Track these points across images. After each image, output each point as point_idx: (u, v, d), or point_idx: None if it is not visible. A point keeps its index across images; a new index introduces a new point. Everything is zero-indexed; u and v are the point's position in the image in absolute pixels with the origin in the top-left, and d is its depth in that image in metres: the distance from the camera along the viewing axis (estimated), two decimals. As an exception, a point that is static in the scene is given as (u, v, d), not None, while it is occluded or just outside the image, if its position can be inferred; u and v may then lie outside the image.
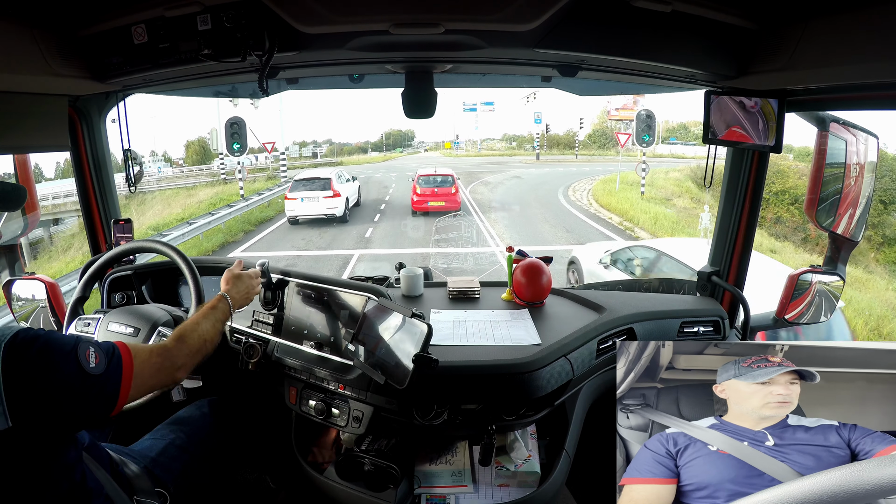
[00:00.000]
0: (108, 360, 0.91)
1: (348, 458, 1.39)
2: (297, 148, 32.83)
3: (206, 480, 1.36)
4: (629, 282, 1.96)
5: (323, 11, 1.05)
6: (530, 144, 35.75)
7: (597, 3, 1.08)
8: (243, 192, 14.72)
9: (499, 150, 38.69)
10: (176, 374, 1.03)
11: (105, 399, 0.90)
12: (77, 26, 1.18)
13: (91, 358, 0.88)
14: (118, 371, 0.92)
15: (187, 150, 30.64)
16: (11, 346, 0.81)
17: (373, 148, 39.61)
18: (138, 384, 0.94)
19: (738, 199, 1.57)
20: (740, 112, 1.32)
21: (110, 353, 0.92)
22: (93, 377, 0.87)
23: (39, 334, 0.86)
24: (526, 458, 1.37)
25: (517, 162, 28.82)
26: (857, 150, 1.41)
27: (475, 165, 26.13)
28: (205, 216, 11.54)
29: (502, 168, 24.26)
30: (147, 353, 0.99)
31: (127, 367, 0.93)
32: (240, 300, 1.29)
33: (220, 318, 1.19)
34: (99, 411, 0.90)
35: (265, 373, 1.49)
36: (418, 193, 11.72)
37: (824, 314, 1.56)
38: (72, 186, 9.36)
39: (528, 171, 19.83)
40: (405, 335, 1.18)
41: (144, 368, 0.96)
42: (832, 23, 1.00)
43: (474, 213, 12.35)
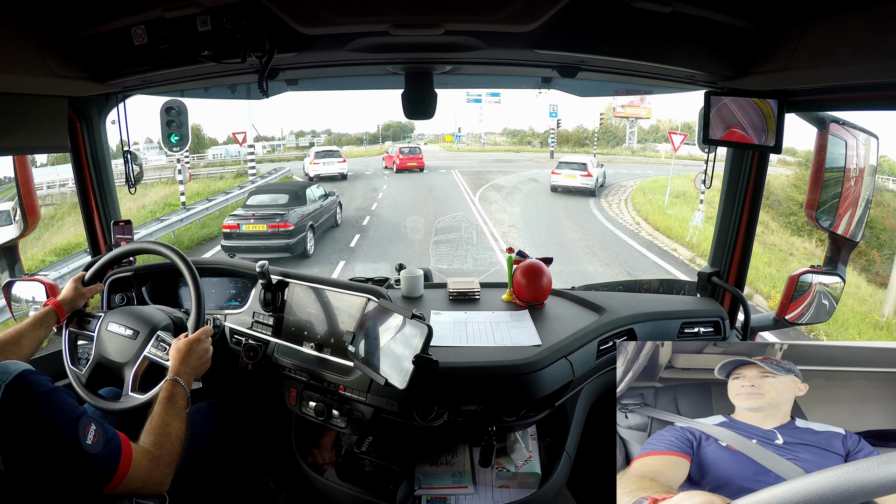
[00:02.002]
0: (106, 441, 0.92)
1: (349, 459, 1.39)
2: (294, 138, 31.63)
3: (207, 481, 1.36)
4: (629, 282, 1.96)
5: (323, 12, 1.05)
6: (538, 140, 33.33)
7: (596, 3, 1.08)
8: (185, 200, 11.12)
9: (502, 145, 34.84)
10: (161, 486, 1.01)
11: (94, 478, 0.90)
12: (77, 28, 1.18)
13: (90, 434, 0.89)
14: (115, 456, 0.93)
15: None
16: (15, 386, 0.82)
17: (371, 140, 37.48)
18: (130, 479, 0.94)
19: (738, 199, 1.57)
20: (740, 112, 1.32)
21: (110, 438, 0.93)
22: (86, 453, 0.88)
23: (51, 388, 0.87)
24: (526, 459, 1.37)
25: (526, 160, 25.22)
26: (857, 151, 1.41)
27: (480, 163, 22.83)
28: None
29: (512, 167, 21.01)
30: (140, 454, 0.99)
31: (126, 456, 0.95)
32: (194, 375, 1.22)
33: (182, 406, 1.14)
34: (85, 487, 0.90)
35: (265, 374, 1.49)
36: (401, 158, 18.69)
37: (824, 314, 1.56)
38: (56, 177, 8.92)
39: (543, 173, 16.36)
40: (405, 336, 1.18)
41: (136, 467, 0.96)
42: (832, 23, 1.00)
43: (490, 237, 9.27)
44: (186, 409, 1.14)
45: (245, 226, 7.93)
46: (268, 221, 7.89)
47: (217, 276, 1.68)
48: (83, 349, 1.37)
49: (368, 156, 29.69)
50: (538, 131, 35.74)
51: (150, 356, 1.29)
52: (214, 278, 1.68)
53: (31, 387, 0.85)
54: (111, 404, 1.26)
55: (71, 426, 0.87)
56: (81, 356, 1.38)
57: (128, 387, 1.27)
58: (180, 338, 1.25)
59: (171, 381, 1.15)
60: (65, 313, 1.32)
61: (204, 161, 23.07)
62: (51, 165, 11.63)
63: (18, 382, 0.84)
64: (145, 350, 1.29)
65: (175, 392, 1.14)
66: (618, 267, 8.12)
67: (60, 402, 0.89)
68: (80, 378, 1.31)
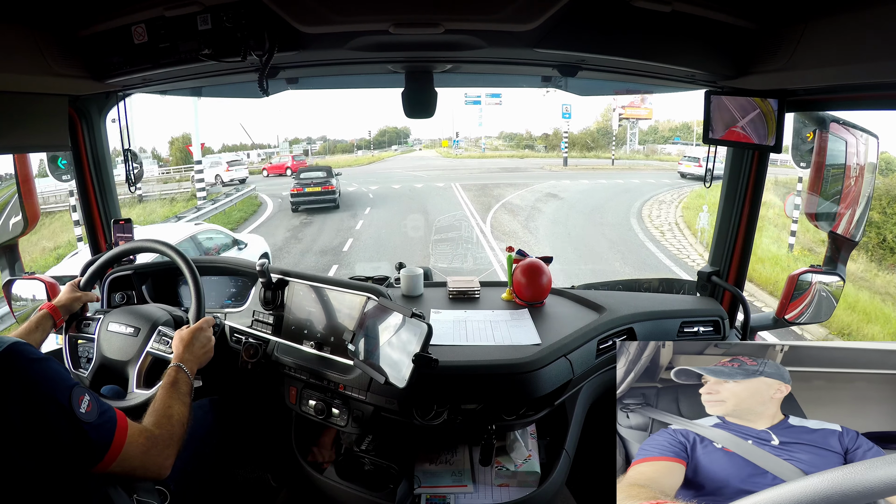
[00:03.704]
0: (100, 413, 0.90)
1: (348, 457, 1.39)
2: (288, 145, 30.11)
3: (207, 479, 1.37)
4: (629, 282, 1.96)
5: (323, 11, 1.04)
6: (541, 144, 31.17)
7: (597, 3, 1.08)
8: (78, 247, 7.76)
9: (503, 150, 32.69)
10: (160, 469, 0.98)
11: (88, 450, 0.87)
12: (77, 26, 1.18)
13: (84, 404, 0.87)
14: (110, 428, 0.90)
15: (171, 148, 27.91)
16: (7, 354, 0.80)
17: (365, 146, 35.39)
18: (126, 456, 0.92)
19: (738, 199, 1.57)
20: (740, 112, 1.32)
21: (105, 410, 0.91)
22: (79, 422, 0.86)
23: (42, 357, 0.85)
24: (526, 458, 1.37)
25: (534, 167, 22.52)
26: (857, 151, 1.41)
27: (484, 173, 20.09)
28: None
29: (521, 177, 18.11)
30: (137, 431, 0.96)
31: (121, 430, 0.92)
32: (197, 363, 1.22)
33: (186, 392, 1.13)
34: (78, 460, 0.87)
35: (265, 373, 1.49)
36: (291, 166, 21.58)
37: (824, 314, 1.56)
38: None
39: (563, 185, 14.48)
40: (405, 335, 1.18)
41: (133, 444, 0.93)
42: (832, 23, 1.00)
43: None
44: (190, 396, 1.14)
45: (307, 188, 13.66)
46: (322, 184, 13.76)
47: (217, 275, 1.69)
48: (83, 348, 1.37)
49: (358, 165, 26.87)
50: (535, 134, 33.89)
51: (153, 351, 1.29)
52: (214, 277, 1.68)
53: (23, 354, 0.84)
54: (117, 403, 1.26)
55: (63, 394, 0.85)
56: (82, 358, 1.37)
57: (133, 384, 1.27)
58: (183, 328, 1.25)
59: (175, 367, 1.16)
60: (60, 316, 1.31)
61: (179, 176, 21.98)
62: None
63: (11, 351, 0.82)
64: (148, 346, 1.30)
65: (178, 378, 1.14)
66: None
67: (53, 370, 0.86)
68: (83, 381, 1.31)
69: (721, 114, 1.38)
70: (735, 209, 1.58)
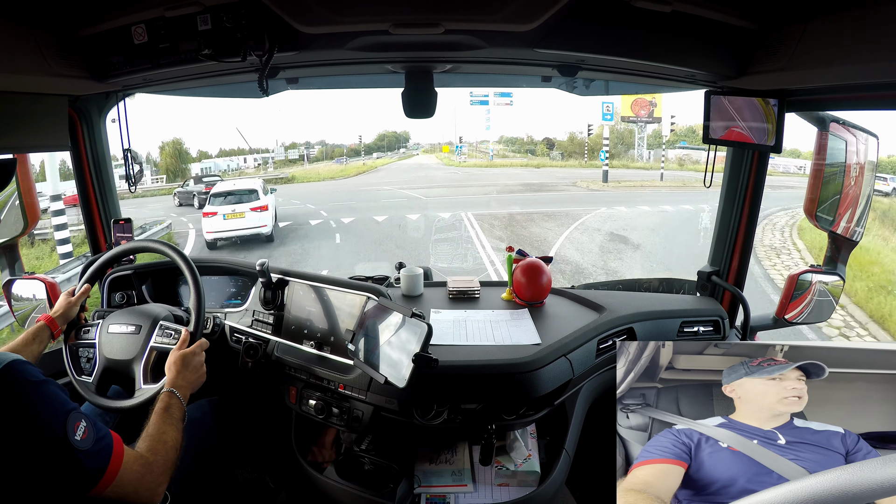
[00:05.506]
0: (96, 440, 0.90)
1: (348, 457, 1.39)
2: (284, 150, 28.42)
3: (207, 479, 1.37)
4: (629, 281, 1.96)
5: (323, 11, 1.05)
6: (557, 151, 26.24)
7: (597, 3, 1.08)
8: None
9: (511, 156, 27.32)
10: (154, 495, 0.99)
11: (81, 476, 0.87)
12: (77, 26, 1.18)
13: (79, 431, 0.87)
14: (105, 456, 0.90)
15: (161, 153, 24.85)
16: (4, 375, 0.80)
17: (365, 151, 32.09)
18: (120, 482, 0.92)
19: (738, 199, 1.57)
20: (740, 112, 1.32)
21: (101, 437, 0.91)
22: (73, 450, 0.85)
23: (41, 380, 0.85)
24: (526, 458, 1.37)
25: (562, 182, 17.36)
26: (857, 150, 1.41)
27: (502, 192, 15.08)
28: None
29: (557, 200, 13.51)
30: (132, 458, 0.96)
31: (116, 456, 0.92)
32: (190, 388, 1.21)
33: (179, 417, 1.12)
34: (72, 486, 0.87)
35: (265, 372, 1.49)
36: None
37: (824, 314, 1.56)
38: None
39: (620, 215, 11.18)
40: (405, 335, 1.18)
41: (128, 471, 0.94)
42: (832, 23, 1.00)
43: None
44: (183, 421, 1.13)
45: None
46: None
47: (217, 275, 1.69)
48: (83, 352, 1.36)
49: (344, 177, 21.79)
50: (536, 139, 30.71)
51: (157, 345, 1.30)
52: (214, 277, 1.68)
53: (20, 376, 0.84)
54: (125, 402, 1.26)
55: (59, 420, 0.85)
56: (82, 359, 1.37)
57: (140, 381, 1.27)
58: (174, 349, 1.24)
59: (168, 392, 1.15)
60: (58, 327, 1.30)
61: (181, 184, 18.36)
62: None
63: (8, 371, 0.82)
64: (151, 341, 1.30)
65: (171, 403, 1.13)
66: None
67: (50, 394, 0.86)
68: (88, 387, 1.30)
69: (721, 114, 1.38)
70: (735, 209, 1.58)
